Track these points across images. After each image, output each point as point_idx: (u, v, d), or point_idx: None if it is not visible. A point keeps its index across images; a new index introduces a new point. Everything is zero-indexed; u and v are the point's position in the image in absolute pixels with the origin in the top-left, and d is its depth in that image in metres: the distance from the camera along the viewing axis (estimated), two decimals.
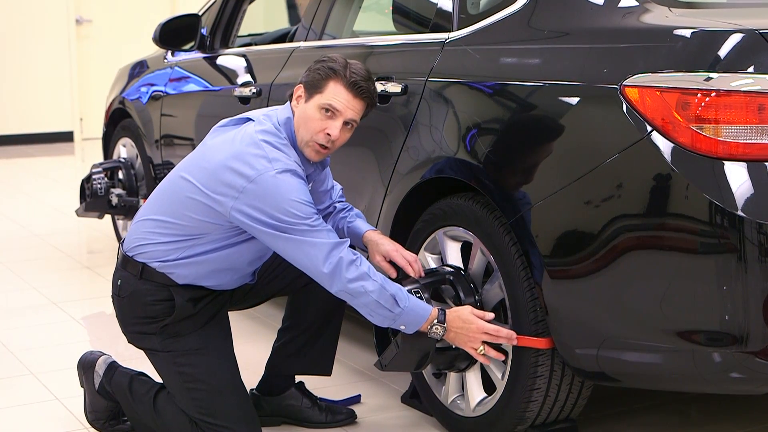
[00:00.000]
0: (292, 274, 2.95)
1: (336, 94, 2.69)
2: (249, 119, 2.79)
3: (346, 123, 2.72)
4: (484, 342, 2.66)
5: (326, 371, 3.10)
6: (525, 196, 2.61)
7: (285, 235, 2.61)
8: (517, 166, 2.68)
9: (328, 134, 2.70)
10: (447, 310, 2.67)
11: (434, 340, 2.73)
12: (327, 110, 2.70)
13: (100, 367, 3.00)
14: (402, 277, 2.89)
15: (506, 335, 2.65)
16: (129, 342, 2.91)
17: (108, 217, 5.50)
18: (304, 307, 3.03)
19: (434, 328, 2.65)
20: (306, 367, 3.10)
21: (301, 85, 2.76)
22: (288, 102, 2.81)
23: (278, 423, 3.11)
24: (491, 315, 2.69)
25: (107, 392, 2.98)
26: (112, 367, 3.01)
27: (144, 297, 2.79)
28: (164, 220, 2.77)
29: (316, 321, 3.03)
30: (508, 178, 2.69)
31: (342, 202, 3.05)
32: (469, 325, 2.65)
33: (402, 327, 2.65)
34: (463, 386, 2.91)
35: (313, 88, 2.72)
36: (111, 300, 2.91)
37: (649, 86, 2.36)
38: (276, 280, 3.00)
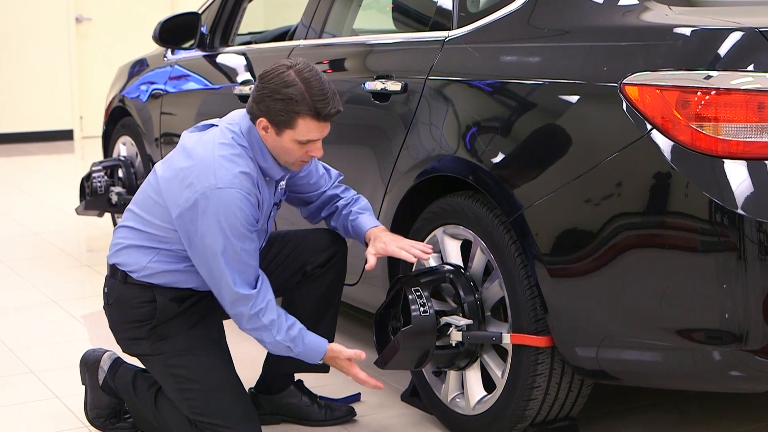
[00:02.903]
0: (283, 275, 2.97)
1: (309, 129, 2.71)
2: (213, 125, 2.87)
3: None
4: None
5: (324, 368, 3.10)
6: (525, 195, 2.61)
7: (206, 259, 2.70)
8: (517, 164, 2.68)
9: (312, 155, 2.79)
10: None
11: (434, 338, 2.74)
12: (306, 142, 2.75)
13: (105, 363, 3.02)
14: (402, 276, 2.89)
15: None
16: (123, 351, 2.95)
17: (108, 216, 5.50)
18: (297, 306, 3.02)
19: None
20: (303, 365, 3.09)
21: (264, 118, 2.74)
22: (244, 111, 2.84)
23: (277, 421, 3.11)
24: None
25: (110, 388, 2.99)
26: (117, 362, 3.03)
27: (129, 300, 2.84)
28: (134, 220, 2.85)
29: (310, 318, 3.02)
30: (508, 176, 2.68)
31: (343, 190, 3.07)
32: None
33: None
34: (463, 384, 2.91)
35: (282, 124, 2.72)
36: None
37: (649, 84, 2.36)
38: None
